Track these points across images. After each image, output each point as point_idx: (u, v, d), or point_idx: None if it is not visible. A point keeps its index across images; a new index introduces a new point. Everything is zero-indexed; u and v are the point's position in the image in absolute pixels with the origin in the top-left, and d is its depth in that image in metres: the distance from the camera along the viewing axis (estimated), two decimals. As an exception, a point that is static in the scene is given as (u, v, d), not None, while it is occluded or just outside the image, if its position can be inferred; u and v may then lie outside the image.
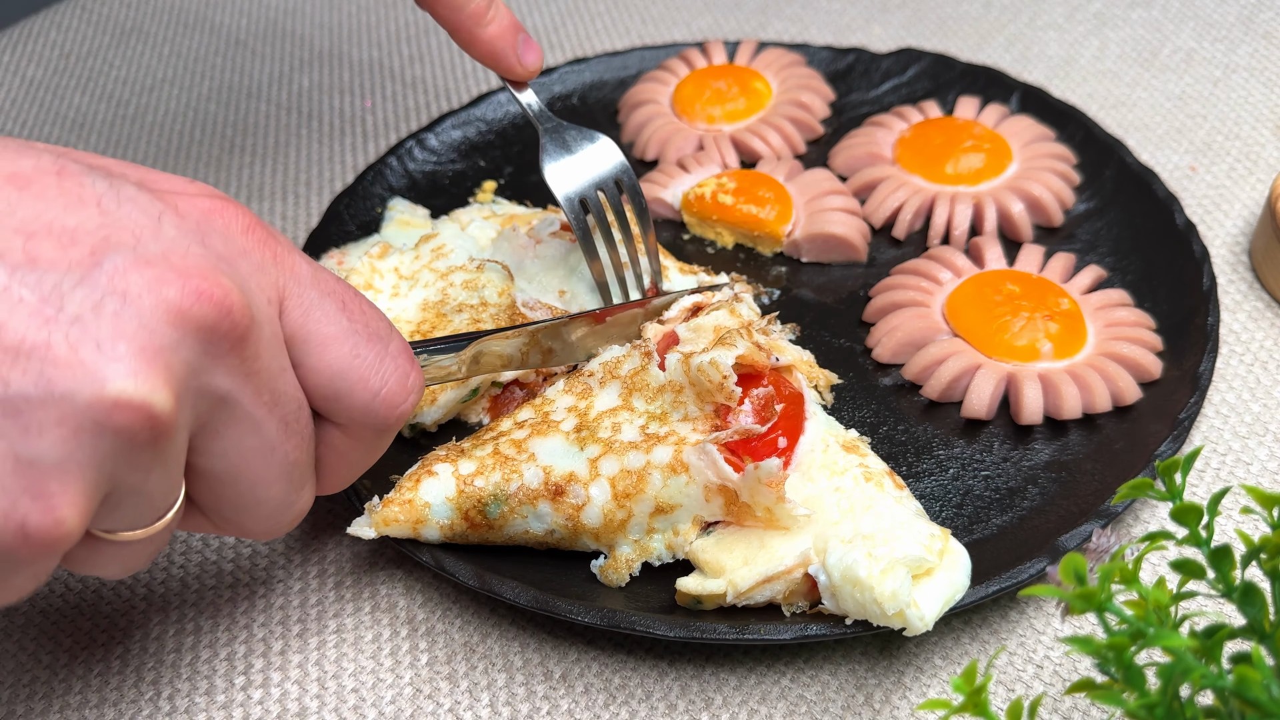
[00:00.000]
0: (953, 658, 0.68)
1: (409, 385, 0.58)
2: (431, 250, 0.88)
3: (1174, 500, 0.49)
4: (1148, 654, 0.65)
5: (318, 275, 0.56)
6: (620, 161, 0.84)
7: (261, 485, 0.55)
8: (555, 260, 0.88)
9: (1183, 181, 1.01)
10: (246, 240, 0.53)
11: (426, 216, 0.98)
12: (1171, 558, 0.63)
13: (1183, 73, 1.15)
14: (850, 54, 1.13)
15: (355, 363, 0.56)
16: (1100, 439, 0.77)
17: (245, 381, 0.51)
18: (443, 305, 0.83)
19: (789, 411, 0.71)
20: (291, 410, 0.54)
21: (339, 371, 0.56)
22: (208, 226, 0.51)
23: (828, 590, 0.64)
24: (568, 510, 0.69)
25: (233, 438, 0.52)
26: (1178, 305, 0.84)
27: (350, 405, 0.57)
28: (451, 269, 0.85)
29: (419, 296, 0.84)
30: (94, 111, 1.24)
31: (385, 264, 0.86)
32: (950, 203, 0.94)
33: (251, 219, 0.54)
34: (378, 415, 0.57)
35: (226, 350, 0.49)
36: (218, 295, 0.48)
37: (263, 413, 0.52)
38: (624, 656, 0.70)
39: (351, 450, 0.60)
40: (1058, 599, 0.48)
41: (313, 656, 0.71)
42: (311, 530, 0.79)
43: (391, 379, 0.57)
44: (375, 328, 0.57)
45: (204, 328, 0.47)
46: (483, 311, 0.82)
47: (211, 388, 0.49)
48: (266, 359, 0.52)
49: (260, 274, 0.53)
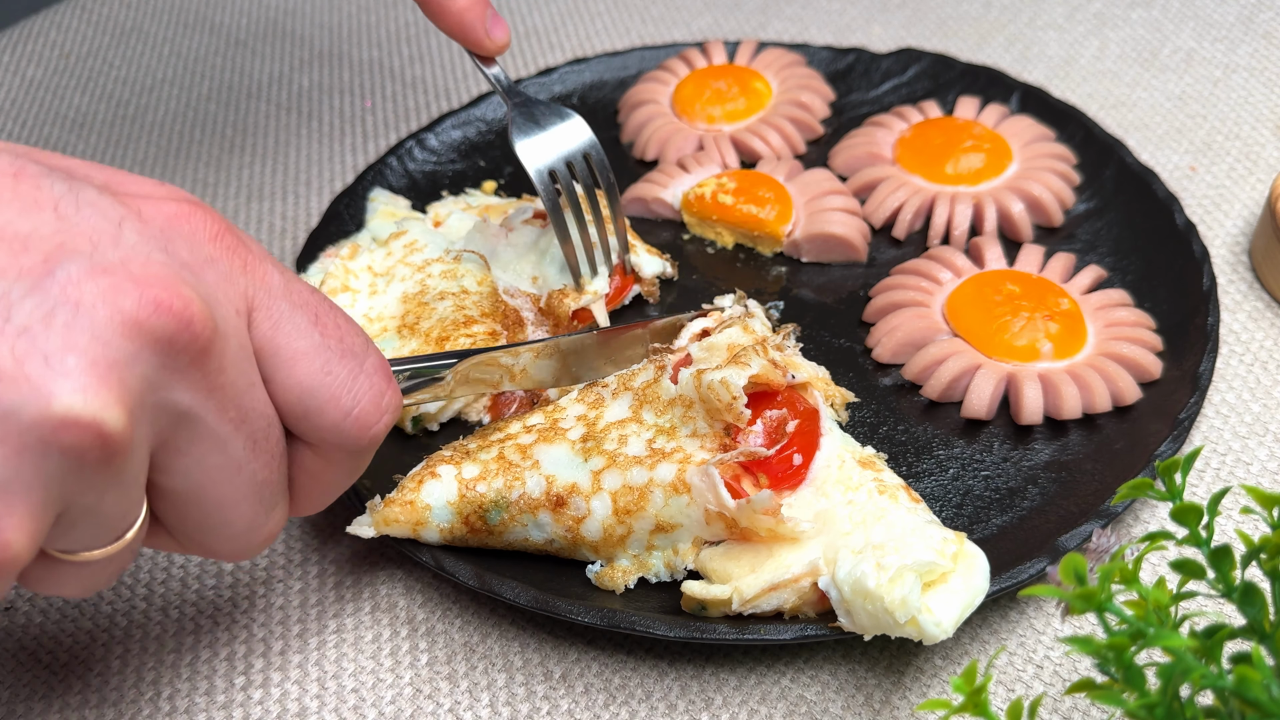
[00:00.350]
0: (953, 658, 0.68)
1: (383, 405, 0.55)
2: (404, 246, 0.88)
3: (1174, 500, 0.49)
4: (1148, 654, 0.65)
5: (290, 286, 0.53)
6: (590, 138, 0.85)
7: (228, 505, 0.52)
8: (526, 247, 0.88)
9: (1183, 181, 1.01)
10: (214, 248, 0.50)
11: (407, 207, 0.99)
12: (1171, 558, 0.63)
13: (1183, 73, 1.15)
14: (850, 54, 1.13)
15: (326, 380, 0.53)
16: (1100, 439, 0.77)
17: (208, 397, 0.48)
18: (423, 295, 0.83)
19: (804, 428, 0.70)
20: (260, 427, 0.51)
21: (309, 389, 0.53)
22: (173, 232, 0.49)
23: (841, 607, 0.63)
24: (568, 522, 0.69)
25: (196, 455, 0.49)
26: (1178, 305, 0.84)
27: (320, 424, 0.54)
28: (428, 261, 0.86)
29: (397, 290, 0.85)
30: (94, 111, 1.24)
31: (357, 264, 0.87)
32: (950, 203, 0.94)
33: (221, 225, 0.51)
34: (349, 435, 0.54)
35: (187, 364, 0.46)
36: (177, 306, 0.45)
37: (228, 430, 0.49)
38: (624, 656, 0.70)
39: (325, 471, 0.57)
40: (1058, 599, 0.48)
41: (313, 656, 0.71)
42: (311, 529, 0.79)
43: (365, 398, 0.54)
44: (349, 343, 0.54)
45: (162, 340, 0.45)
46: (465, 299, 0.82)
47: (172, 403, 0.47)
48: (232, 373, 0.49)
49: (228, 283, 0.50)
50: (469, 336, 0.80)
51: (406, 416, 0.79)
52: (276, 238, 1.06)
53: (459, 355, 0.70)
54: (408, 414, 0.79)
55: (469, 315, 0.81)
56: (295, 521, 0.79)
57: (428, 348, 0.79)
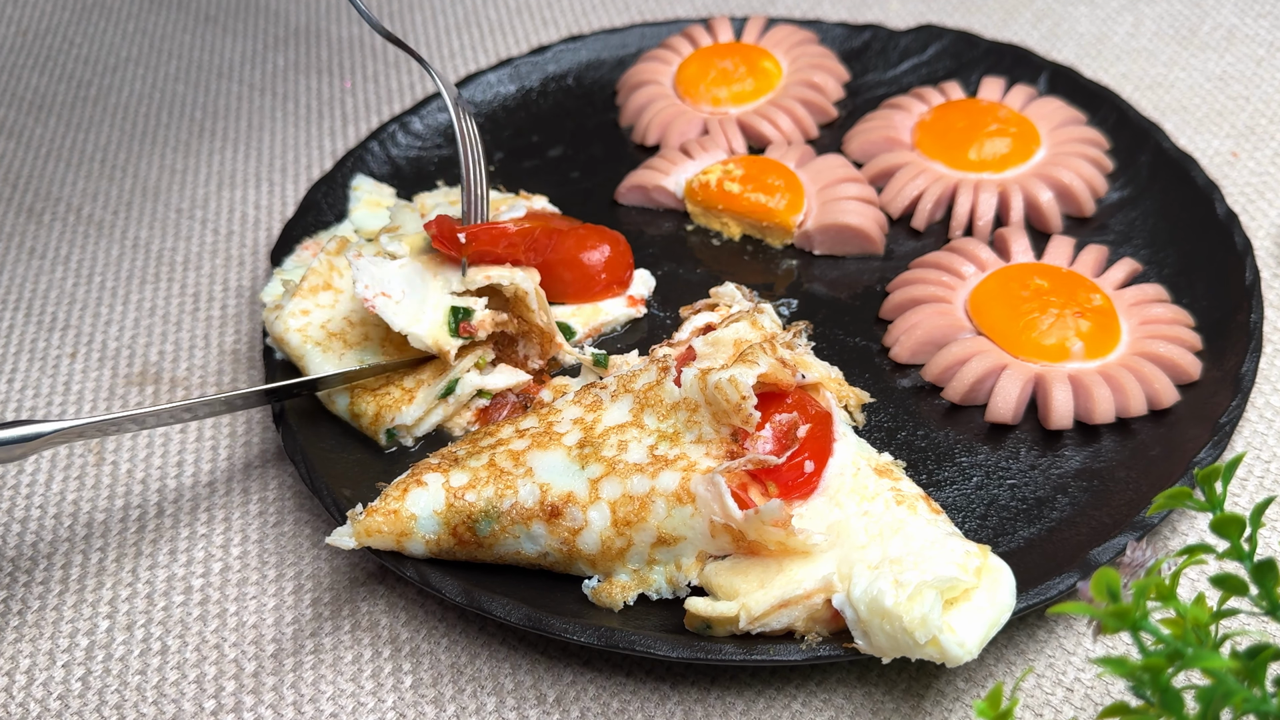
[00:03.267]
0: (976, 680, 0.68)
1: None
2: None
3: (1214, 511, 0.49)
4: (1186, 676, 0.65)
5: None
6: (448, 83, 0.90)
7: None
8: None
9: (1224, 168, 1.01)
10: None
11: (392, 195, 0.99)
12: (1211, 572, 0.63)
13: (1224, 51, 1.15)
14: (866, 31, 1.13)
15: None
16: (1135, 445, 0.77)
17: None
18: None
19: (816, 433, 0.70)
20: None
21: None
22: None
23: (857, 627, 0.63)
24: (563, 533, 0.69)
25: None
26: (1218, 301, 0.84)
27: None
28: None
29: None
30: (53, 93, 1.24)
31: (344, 260, 0.86)
32: (973, 191, 0.94)
33: None
34: None
35: None
36: None
37: None
38: (622, 679, 0.70)
39: None
40: (1089, 617, 0.48)
41: (288, 679, 0.71)
42: (286, 540, 0.79)
43: None
44: None
45: None
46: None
47: None
48: None
49: None
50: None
51: (380, 428, 0.79)
52: (250, 229, 1.06)
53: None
54: (381, 424, 0.79)
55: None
56: (269, 533, 0.80)
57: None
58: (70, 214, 1.09)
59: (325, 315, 0.83)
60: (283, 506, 0.82)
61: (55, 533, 0.81)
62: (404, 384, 0.79)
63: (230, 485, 0.83)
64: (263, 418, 0.88)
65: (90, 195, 1.11)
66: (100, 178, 1.13)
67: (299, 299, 0.84)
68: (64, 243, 1.06)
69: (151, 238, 1.06)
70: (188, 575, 0.77)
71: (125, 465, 0.85)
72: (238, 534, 0.80)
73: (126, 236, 1.06)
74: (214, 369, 0.93)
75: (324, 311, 0.84)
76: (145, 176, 1.13)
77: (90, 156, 1.16)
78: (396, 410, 0.78)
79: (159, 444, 0.86)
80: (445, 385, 0.79)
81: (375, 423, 0.79)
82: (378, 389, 0.80)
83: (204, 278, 1.01)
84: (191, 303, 0.99)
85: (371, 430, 0.79)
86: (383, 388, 0.80)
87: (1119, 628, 0.44)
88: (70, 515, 0.82)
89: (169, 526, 0.81)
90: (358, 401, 0.79)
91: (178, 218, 1.08)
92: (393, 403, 0.78)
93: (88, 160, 1.16)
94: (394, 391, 0.79)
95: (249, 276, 1.01)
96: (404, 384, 0.79)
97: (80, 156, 1.16)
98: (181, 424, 0.87)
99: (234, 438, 0.87)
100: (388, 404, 0.79)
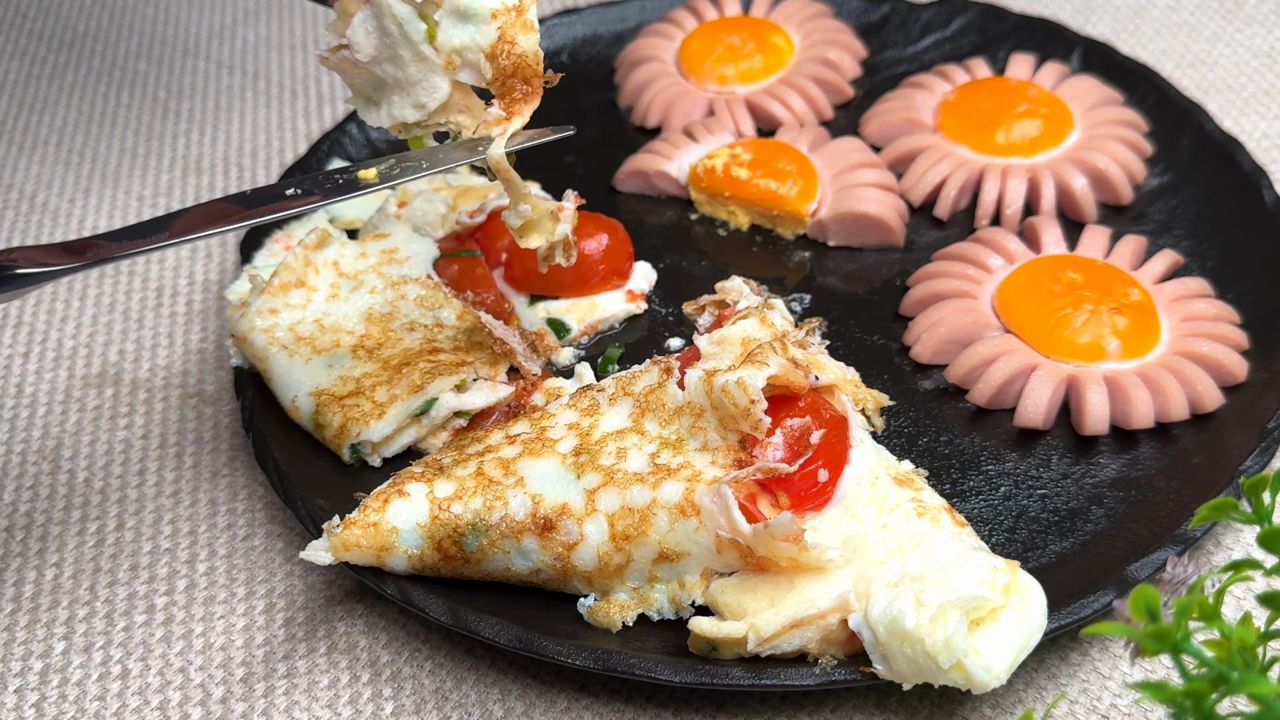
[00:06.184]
0: (1004, 707, 0.68)
1: None
2: (382, 251, 0.88)
3: (1262, 523, 0.49)
4: (1231, 702, 0.65)
5: None
6: None
7: None
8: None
9: (1272, 152, 1.01)
10: None
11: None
12: (1259, 590, 0.63)
13: (1272, 25, 1.15)
14: (885, 4, 1.13)
15: None
16: (1175, 452, 0.77)
17: None
18: (391, 319, 0.84)
19: (830, 439, 0.70)
20: None
21: None
22: None
23: (875, 650, 0.63)
24: (557, 549, 0.69)
25: None
26: (1266, 296, 0.84)
27: None
28: (405, 279, 0.86)
29: (363, 303, 0.84)
30: (3, 71, 1.24)
31: (323, 256, 0.86)
32: (1001, 177, 0.94)
33: None
34: None
35: None
36: None
37: None
38: (621, 705, 0.70)
39: None
40: (1126, 638, 0.48)
41: (258, 705, 0.71)
42: (258, 555, 0.79)
43: None
44: None
45: None
46: (438, 333, 0.83)
47: None
48: None
49: None
50: (430, 362, 0.80)
51: (345, 441, 0.79)
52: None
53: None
54: (346, 438, 0.78)
55: (437, 345, 0.82)
56: (239, 547, 0.80)
57: (384, 374, 0.79)
58: (23, 201, 1.09)
59: (295, 316, 0.83)
60: (253, 519, 0.82)
61: (7, 546, 0.81)
62: (375, 396, 0.79)
63: (196, 495, 0.83)
64: (231, 423, 0.88)
65: (44, 182, 1.11)
66: (55, 162, 1.13)
67: (267, 296, 0.83)
68: (15, 232, 1.06)
69: (111, 228, 1.06)
70: (150, 593, 0.77)
71: (83, 474, 0.85)
72: (204, 548, 0.80)
73: (84, 226, 1.06)
74: (178, 369, 0.93)
75: (293, 312, 0.84)
76: (104, 161, 1.13)
77: (44, 140, 1.16)
78: (364, 425, 0.77)
79: (119, 451, 0.87)
80: (421, 403, 0.78)
81: (340, 435, 0.78)
82: (345, 398, 0.79)
83: (168, 271, 1.01)
84: (154, 298, 0.99)
85: (335, 444, 0.79)
86: (351, 397, 0.79)
87: (1158, 650, 0.44)
88: (23, 528, 0.82)
89: (130, 540, 0.81)
90: (323, 410, 0.79)
91: (139, 206, 1.08)
92: (361, 416, 0.78)
93: (41, 144, 1.16)
94: (363, 404, 0.78)
95: (216, 270, 1.01)
96: (375, 396, 0.79)
97: (34, 140, 1.16)
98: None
99: (200, 444, 0.87)
100: (355, 416, 0.78)
